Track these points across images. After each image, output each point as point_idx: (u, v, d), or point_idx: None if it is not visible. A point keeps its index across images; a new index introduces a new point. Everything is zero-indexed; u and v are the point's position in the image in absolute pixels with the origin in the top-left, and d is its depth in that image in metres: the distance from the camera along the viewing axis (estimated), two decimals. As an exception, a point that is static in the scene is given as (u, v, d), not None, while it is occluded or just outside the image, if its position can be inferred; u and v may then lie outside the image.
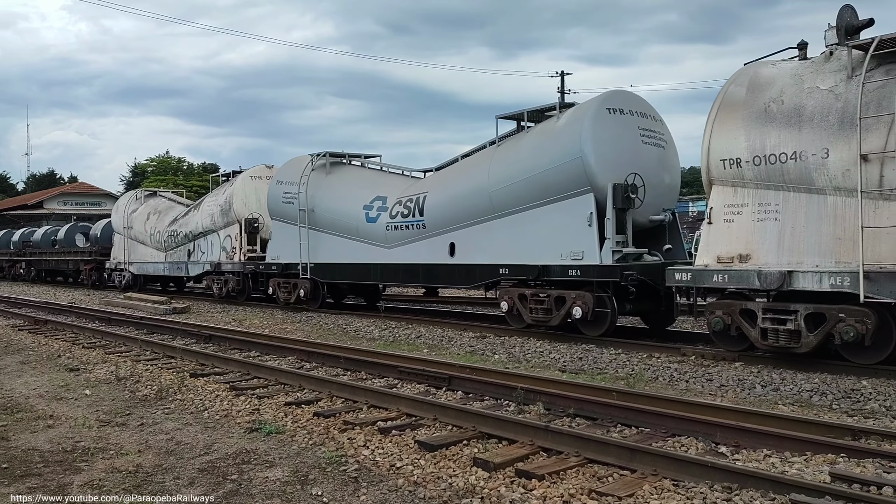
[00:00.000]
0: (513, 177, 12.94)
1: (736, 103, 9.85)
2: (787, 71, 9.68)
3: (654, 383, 8.81)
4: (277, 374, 9.21)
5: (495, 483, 5.09)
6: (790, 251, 9.24)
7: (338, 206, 17.12)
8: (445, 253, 14.31)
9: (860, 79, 8.60)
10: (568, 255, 12.03)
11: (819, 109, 9.03)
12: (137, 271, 26.88)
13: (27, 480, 5.36)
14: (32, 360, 11.09)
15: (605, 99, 12.29)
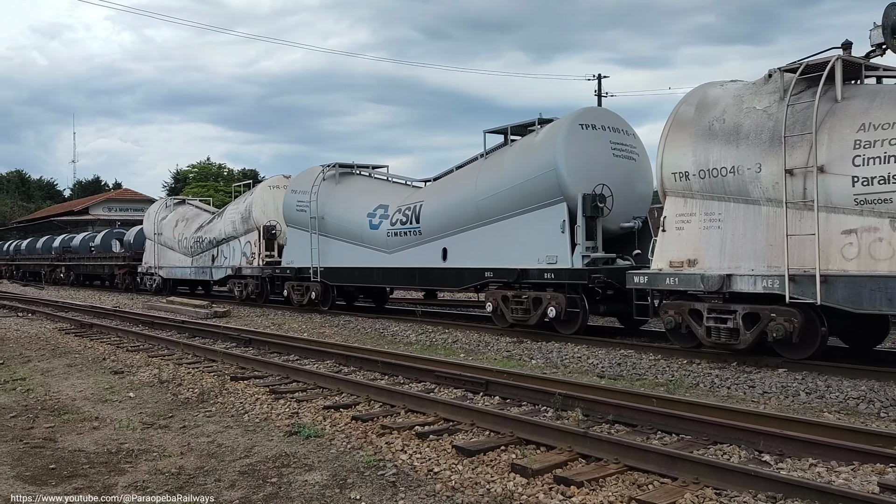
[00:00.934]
0: (497, 187, 13.99)
1: (685, 122, 10.65)
2: (731, 92, 10.44)
3: (695, 389, 8.68)
4: (316, 377, 9.29)
5: (534, 489, 5.06)
6: (730, 256, 10.04)
7: (345, 214, 18.27)
8: (439, 257, 15.42)
9: (788, 99, 9.41)
10: (544, 259, 13.05)
11: (754, 128, 9.82)
12: (167, 275, 28.26)
13: (74, 481, 5.48)
14: (79, 363, 11.36)
15: (578, 115, 13.32)
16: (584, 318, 12.56)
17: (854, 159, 8.83)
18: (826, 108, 9.25)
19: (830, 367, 9.31)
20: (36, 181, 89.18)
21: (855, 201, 8.82)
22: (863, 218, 8.78)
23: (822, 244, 9.03)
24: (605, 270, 12.37)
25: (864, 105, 9.06)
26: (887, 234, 8.55)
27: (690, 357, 10.55)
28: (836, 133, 9.07)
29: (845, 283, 8.83)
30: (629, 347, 11.48)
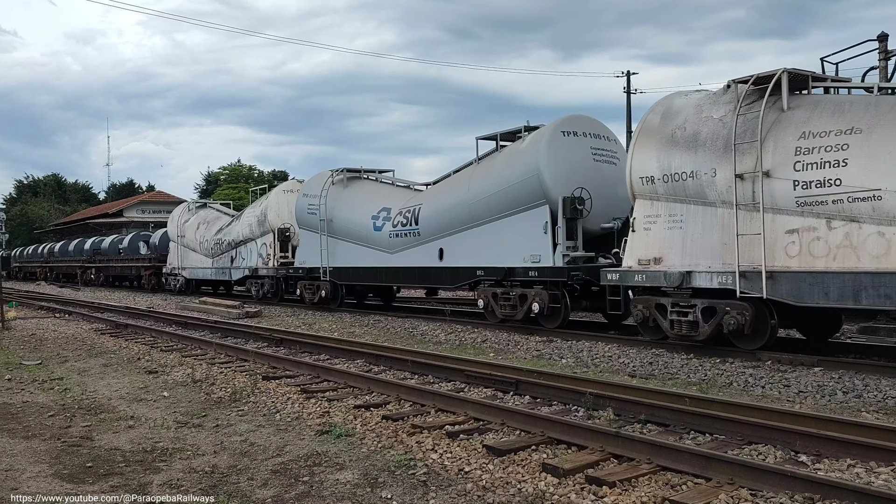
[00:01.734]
0: (487, 191, 14.91)
1: (651, 129, 11.39)
2: (694, 101, 11.17)
3: (728, 389, 8.56)
4: (346, 377, 9.33)
5: (565, 489, 5.02)
6: (690, 254, 10.81)
7: (351, 216, 19.34)
8: (436, 257, 16.41)
9: (738, 109, 10.19)
10: (528, 258, 13.91)
11: (710, 136, 10.56)
12: (189, 276, 29.59)
13: (110, 479, 5.57)
14: (114, 363, 11.54)
15: (560, 123, 14.09)
16: (565, 312, 13.45)
17: (795, 165, 9.54)
18: (773, 117, 9.95)
19: (868, 365, 9.14)
20: (71, 184, 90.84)
21: (796, 203, 9.53)
22: (803, 219, 9.51)
23: (767, 243, 9.80)
24: (584, 268, 13.15)
25: (806, 115, 9.71)
26: (824, 234, 9.29)
27: (724, 356, 10.41)
28: (781, 140, 9.75)
29: (788, 278, 9.59)
30: (660, 346, 11.37)
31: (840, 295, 9.08)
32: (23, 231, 73.75)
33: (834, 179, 9.17)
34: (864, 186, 8.93)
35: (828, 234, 9.25)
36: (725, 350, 10.65)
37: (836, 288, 9.10)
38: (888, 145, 8.86)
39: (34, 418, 7.69)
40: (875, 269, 8.77)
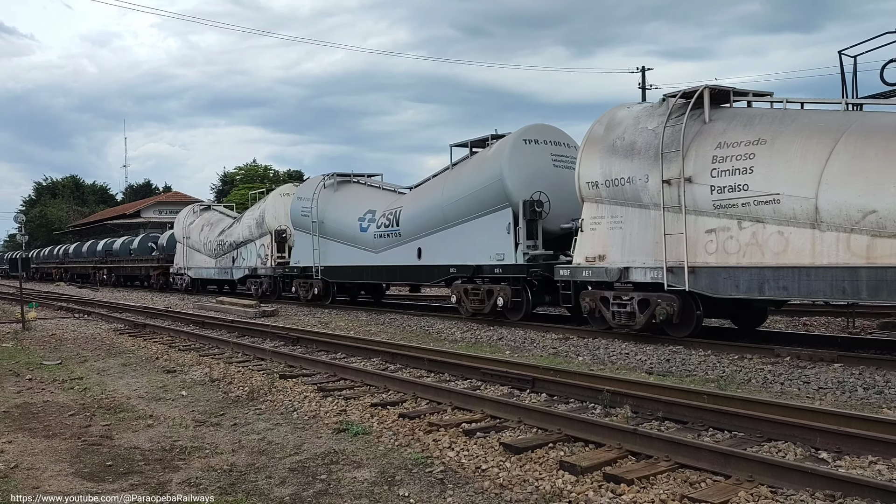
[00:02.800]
0: (458, 194, 16.07)
1: (596, 139, 12.51)
2: (633, 113, 12.22)
3: (747, 385, 8.50)
4: (363, 375, 9.35)
5: (583, 487, 5.00)
6: (629, 252, 11.90)
7: (341, 218, 20.53)
8: (415, 256, 17.57)
9: (666, 121, 11.26)
10: (494, 256, 15.04)
11: (644, 145, 11.61)
12: (194, 275, 31.01)
13: (130, 478, 5.62)
14: (133, 363, 11.64)
15: (523, 131, 15.25)
16: (527, 306, 14.61)
17: (712, 171, 10.63)
18: (697, 128, 11.05)
19: (889, 361, 9.04)
20: (89, 186, 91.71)
21: (713, 206, 10.62)
22: (719, 220, 10.61)
23: (690, 241, 10.93)
24: (542, 265, 14.19)
25: (724, 126, 10.83)
26: (736, 233, 10.40)
27: (742, 353, 10.34)
28: (701, 150, 10.85)
29: (707, 273, 10.77)
30: (678, 343, 11.31)
31: (748, 287, 10.30)
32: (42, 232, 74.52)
33: (743, 185, 10.31)
34: (766, 191, 10.04)
35: (739, 234, 10.39)
36: (744, 346, 10.59)
37: (745, 281, 10.30)
38: (785, 154, 9.95)
39: (55, 418, 7.77)
40: (776, 264, 9.92)
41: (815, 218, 9.57)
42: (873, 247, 9.06)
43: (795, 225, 9.78)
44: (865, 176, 9.21)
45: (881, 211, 8.97)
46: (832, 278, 9.39)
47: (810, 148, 9.76)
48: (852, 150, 9.40)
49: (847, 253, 9.31)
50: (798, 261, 9.72)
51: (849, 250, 9.30)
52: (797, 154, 9.87)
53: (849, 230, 9.28)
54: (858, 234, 9.22)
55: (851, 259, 9.25)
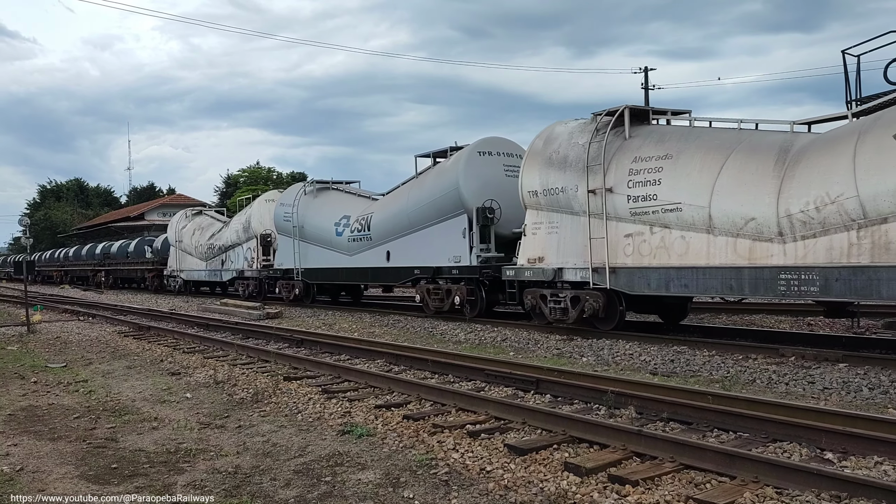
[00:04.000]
0: (421, 202, 17.42)
1: (536, 152, 13.83)
2: (568, 129, 13.47)
3: (752, 386, 8.48)
4: (367, 377, 9.36)
5: (588, 488, 5.00)
6: (563, 254, 13.23)
7: (319, 223, 21.87)
8: (384, 258, 18.89)
9: (592, 137, 12.61)
10: (452, 258, 16.37)
11: (575, 158, 12.89)
12: (187, 277, 32.37)
13: (135, 480, 5.63)
14: (137, 365, 11.66)
15: (477, 144, 16.61)
16: (481, 304, 15.91)
17: (629, 183, 11.88)
18: (618, 144, 12.30)
19: (894, 360, 9.01)
20: (94, 189, 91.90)
21: (630, 213, 11.89)
22: (635, 226, 11.85)
23: (611, 245, 12.22)
24: (493, 266, 15.41)
25: (640, 143, 12.06)
26: (648, 238, 11.67)
27: (746, 353, 10.32)
28: (620, 164, 12.10)
29: (625, 272, 12.05)
30: (682, 344, 11.30)
31: (658, 285, 11.59)
32: (46, 235, 74.71)
33: (653, 195, 11.57)
34: (671, 201, 11.33)
35: (650, 238, 11.67)
36: (748, 346, 10.58)
37: (655, 280, 11.61)
38: (686, 168, 11.19)
39: (60, 420, 7.79)
40: (679, 264, 11.24)
41: (710, 224, 10.85)
42: (754, 249, 10.30)
43: (694, 230, 11.06)
44: (747, 188, 10.37)
45: (759, 218, 10.18)
46: (722, 277, 10.69)
47: (706, 163, 11.01)
48: (738, 165, 10.61)
49: (734, 255, 10.55)
50: (696, 262, 11.04)
51: (735, 252, 10.53)
52: (696, 168, 11.11)
53: (735, 235, 10.52)
54: (742, 239, 10.45)
55: (737, 260, 10.50)
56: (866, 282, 9.09)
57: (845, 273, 9.28)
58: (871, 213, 9.02)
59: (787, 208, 9.87)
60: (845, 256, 9.30)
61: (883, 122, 9.29)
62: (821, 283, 9.50)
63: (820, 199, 9.51)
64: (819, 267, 9.53)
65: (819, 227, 9.55)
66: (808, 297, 9.88)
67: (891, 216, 8.80)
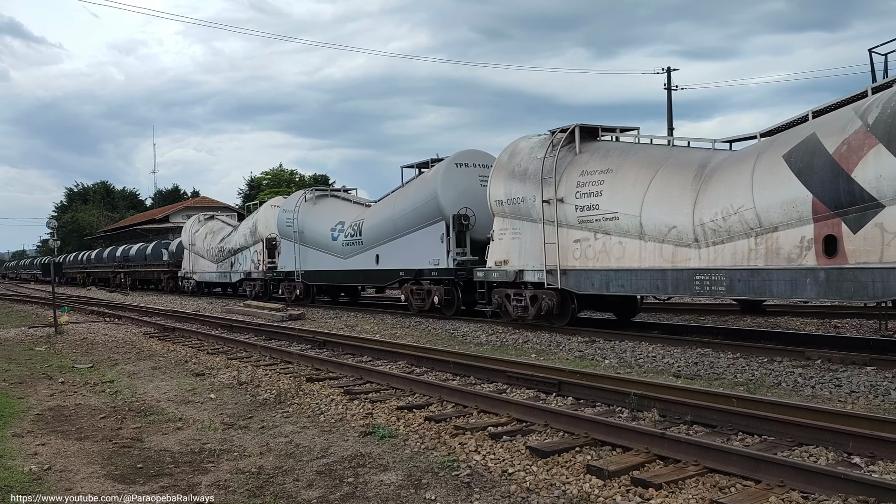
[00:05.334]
0: (405, 209, 18.94)
1: (502, 164, 15.22)
2: (530, 144, 14.81)
3: (777, 389, 8.38)
4: (389, 378, 9.38)
5: (610, 491, 4.97)
6: (524, 258, 14.63)
7: (317, 228, 23.45)
8: (374, 261, 20.44)
9: (548, 152, 13.99)
10: (432, 261, 17.82)
11: (534, 171, 14.20)
12: (199, 279, 34.23)
13: (160, 480, 5.69)
14: (162, 366, 11.78)
15: (455, 156, 18.01)
16: (457, 304, 17.43)
17: (577, 194, 13.28)
18: (569, 158, 13.71)
19: (924, 364, 8.85)
20: (120, 191, 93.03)
21: (578, 221, 13.30)
22: (582, 232, 13.28)
23: (562, 249, 13.65)
24: (467, 269, 16.71)
25: (587, 157, 13.44)
26: (592, 243, 13.10)
27: (772, 355, 10.20)
28: (570, 177, 13.48)
29: (574, 274, 13.48)
30: (706, 346, 11.20)
31: (600, 285, 12.98)
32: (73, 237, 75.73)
33: (595, 205, 12.96)
34: (610, 210, 12.67)
35: (594, 243, 13.07)
36: (773, 349, 10.46)
37: (598, 280, 13.00)
38: (623, 181, 12.49)
39: (86, 420, 7.89)
40: (617, 267, 12.61)
41: (641, 231, 12.17)
42: (676, 254, 11.67)
43: (629, 237, 12.38)
44: (670, 199, 11.69)
45: (679, 226, 11.51)
46: (651, 278, 12.05)
47: (639, 177, 12.29)
48: (664, 179, 11.90)
49: (660, 259, 11.89)
50: (631, 265, 12.36)
51: (661, 256, 11.88)
52: (630, 181, 12.38)
53: (661, 241, 11.87)
54: (666, 244, 11.80)
55: (663, 263, 11.85)
56: (761, 282, 10.39)
57: (745, 274, 10.61)
58: (765, 222, 10.32)
59: (700, 218, 11.19)
60: (746, 260, 10.62)
61: (777, 144, 10.48)
62: (727, 284, 10.87)
63: (726, 211, 10.80)
64: (725, 269, 10.88)
65: (725, 234, 10.88)
66: (717, 295, 11.19)
67: (780, 225, 10.15)
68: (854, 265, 9.33)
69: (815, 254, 9.76)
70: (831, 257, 9.59)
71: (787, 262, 10.06)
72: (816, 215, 9.70)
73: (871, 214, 9.13)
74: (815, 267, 9.74)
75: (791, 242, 10.03)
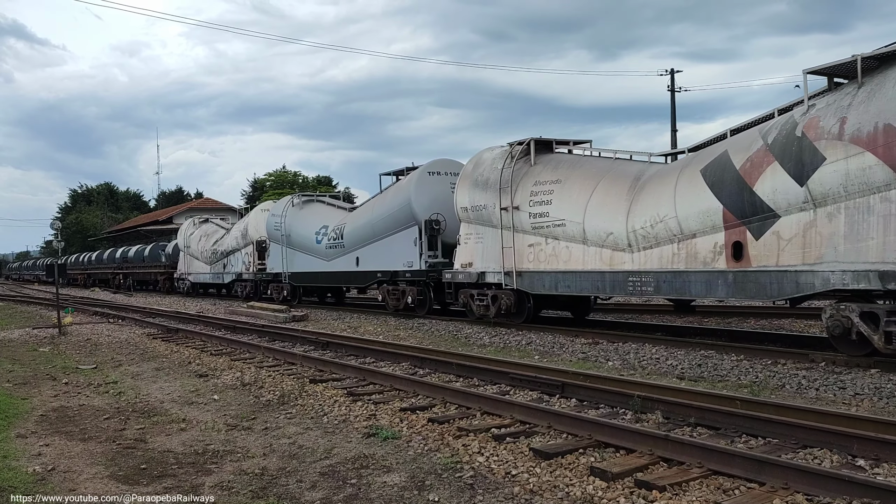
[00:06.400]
0: (383, 214, 20.08)
1: (467, 174, 16.48)
2: (493, 155, 16.04)
3: (781, 391, 8.36)
4: (392, 380, 9.38)
5: (614, 493, 4.96)
6: (486, 260, 15.89)
7: (302, 232, 24.64)
8: (354, 264, 21.59)
9: (506, 163, 15.24)
10: (406, 264, 18.96)
11: (494, 180, 15.41)
12: (194, 280, 35.39)
13: (163, 480, 5.69)
14: (166, 367, 11.80)
15: (428, 165, 19.09)
16: (429, 303, 18.50)
17: (530, 202, 14.50)
18: (525, 169, 14.93)
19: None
20: (123, 193, 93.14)
21: (531, 227, 14.50)
22: (535, 237, 14.49)
23: (518, 253, 14.89)
24: (439, 271, 17.75)
25: (541, 169, 14.67)
26: (544, 247, 14.30)
27: (776, 358, 10.19)
28: (525, 186, 14.70)
29: (528, 276, 14.69)
30: (710, 348, 11.18)
31: (550, 286, 14.20)
32: (77, 239, 75.82)
33: (546, 213, 14.16)
34: (559, 217, 13.89)
35: (546, 247, 14.26)
36: (777, 351, 10.45)
37: (548, 281, 14.24)
38: (570, 191, 13.72)
39: (90, 421, 7.90)
40: (564, 269, 13.89)
41: (584, 237, 13.41)
42: (613, 258, 12.89)
43: (575, 242, 13.63)
44: (609, 208, 12.89)
45: (615, 233, 12.73)
46: (592, 279, 13.34)
47: (583, 187, 13.52)
48: (604, 189, 13.12)
49: (600, 262, 13.15)
50: (576, 267, 13.63)
51: (601, 260, 13.14)
52: (576, 191, 13.61)
53: (601, 246, 13.10)
54: (605, 249, 13.03)
55: (602, 266, 13.12)
56: (682, 283, 11.66)
57: (669, 276, 11.86)
58: (685, 230, 11.55)
59: (633, 225, 12.37)
60: (670, 263, 11.84)
61: (697, 160, 11.69)
62: (654, 285, 12.10)
63: (654, 219, 12.00)
64: (653, 272, 12.11)
65: (654, 240, 12.08)
66: (646, 295, 12.40)
67: (698, 232, 11.36)
68: (756, 268, 10.52)
69: (725, 258, 10.97)
70: (738, 261, 10.77)
71: (703, 266, 11.32)
72: (726, 224, 10.91)
73: (770, 224, 10.32)
74: (725, 270, 10.95)
75: (706, 248, 11.25)
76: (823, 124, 9.63)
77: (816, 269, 9.74)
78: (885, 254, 9.01)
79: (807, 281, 9.88)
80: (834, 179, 9.45)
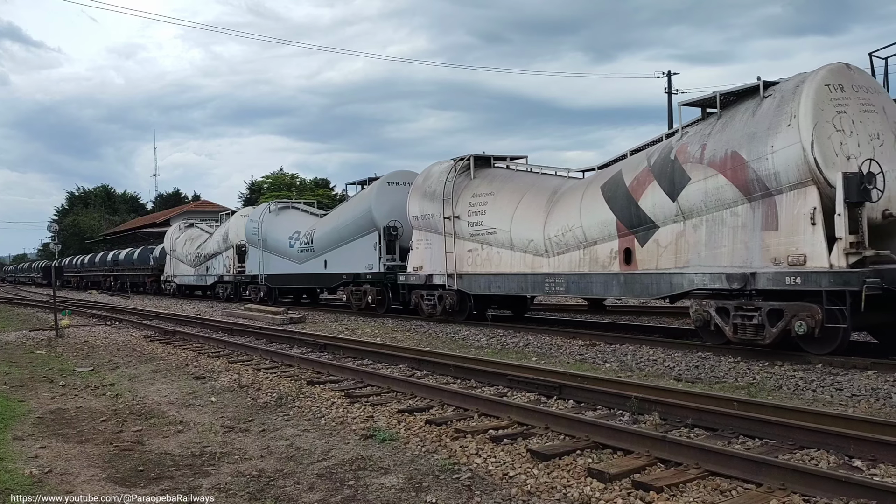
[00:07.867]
0: (348, 220, 21.80)
1: (418, 186, 18.19)
2: (440, 168, 17.63)
3: (778, 392, 8.37)
4: (390, 381, 9.37)
5: (611, 494, 4.97)
6: (433, 264, 17.53)
7: (277, 237, 26.38)
8: (323, 266, 23.21)
9: (449, 177, 16.98)
10: (367, 266, 20.58)
11: (440, 192, 17.07)
12: (179, 282, 37.02)
13: (161, 483, 5.68)
14: (163, 369, 11.78)
15: (388, 176, 20.75)
16: (388, 303, 20.13)
17: (468, 212, 16.32)
18: (465, 183, 16.76)
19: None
20: (120, 195, 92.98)
21: (470, 235, 16.30)
22: (473, 244, 16.31)
23: (458, 257, 16.67)
24: (396, 273, 19.25)
25: (479, 182, 16.56)
26: (480, 252, 16.12)
27: (773, 359, 10.20)
28: (465, 198, 16.52)
29: (467, 278, 16.48)
30: (707, 349, 11.19)
31: (484, 287, 15.98)
32: (75, 241, 75.64)
33: (481, 222, 15.96)
34: (491, 226, 15.63)
35: (482, 253, 16.06)
36: (774, 353, 10.46)
37: (483, 283, 16.01)
38: (501, 203, 15.52)
39: (87, 423, 7.89)
40: (496, 272, 15.64)
41: (511, 244, 15.14)
42: (534, 262, 14.63)
43: (503, 248, 15.39)
44: (530, 218, 14.63)
45: (535, 240, 14.48)
46: (517, 281, 15.08)
47: (511, 199, 15.34)
48: (528, 201, 14.92)
49: (524, 265, 14.83)
50: (505, 270, 15.38)
51: (524, 264, 14.81)
52: (505, 202, 15.41)
53: (524, 251, 14.82)
54: (528, 254, 14.76)
55: (525, 269, 14.78)
56: (586, 284, 13.55)
57: (575, 278, 13.65)
58: (588, 238, 13.30)
59: (549, 233, 14.08)
60: (577, 267, 13.58)
61: (599, 177, 13.52)
62: (565, 285, 13.88)
63: (565, 228, 13.73)
64: (564, 274, 13.86)
65: (565, 246, 13.84)
66: (559, 294, 14.34)
67: (598, 240, 13.11)
68: (641, 271, 12.30)
69: (619, 262, 12.69)
70: (629, 265, 12.49)
71: (602, 269, 13.07)
72: (619, 233, 12.67)
73: (651, 233, 12.08)
74: (618, 272, 12.73)
75: (605, 254, 13.03)
76: (690, 149, 11.34)
77: (685, 272, 11.41)
78: (733, 259, 10.66)
79: (678, 282, 11.57)
80: (697, 196, 11.14)
